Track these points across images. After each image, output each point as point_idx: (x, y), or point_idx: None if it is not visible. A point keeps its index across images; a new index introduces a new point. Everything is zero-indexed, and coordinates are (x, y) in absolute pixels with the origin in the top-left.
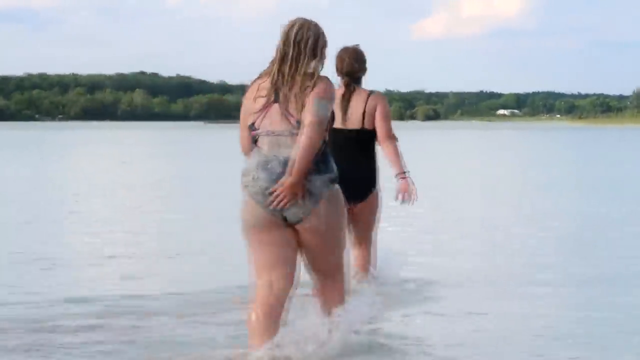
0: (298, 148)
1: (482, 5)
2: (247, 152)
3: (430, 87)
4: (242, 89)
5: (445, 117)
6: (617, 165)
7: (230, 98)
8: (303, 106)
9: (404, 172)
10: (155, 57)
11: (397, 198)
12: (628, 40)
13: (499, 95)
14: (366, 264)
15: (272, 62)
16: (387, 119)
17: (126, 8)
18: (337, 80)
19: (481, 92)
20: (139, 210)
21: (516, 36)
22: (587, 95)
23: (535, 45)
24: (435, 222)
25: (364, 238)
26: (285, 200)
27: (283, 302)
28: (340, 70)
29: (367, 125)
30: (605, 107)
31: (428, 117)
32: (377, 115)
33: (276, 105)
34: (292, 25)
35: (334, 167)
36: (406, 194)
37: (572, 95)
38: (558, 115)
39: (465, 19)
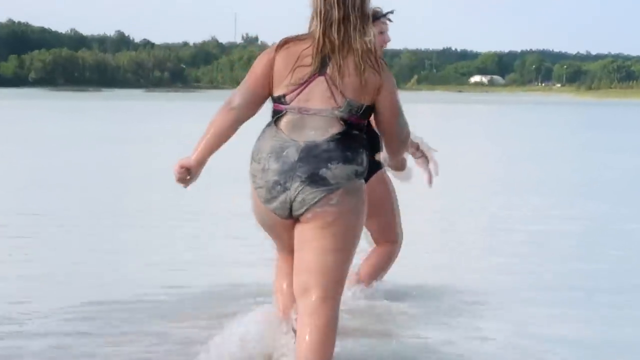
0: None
1: None
2: (248, 100)
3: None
4: (100, 42)
5: (397, 85)
6: None
7: (85, 55)
8: (364, 84)
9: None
10: None
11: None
12: None
13: (474, 55)
14: (375, 274)
15: (312, 24)
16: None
17: None
18: None
19: (448, 50)
20: None
21: None
22: (598, 57)
23: None
24: None
25: (386, 229)
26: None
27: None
28: None
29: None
30: (624, 72)
31: None
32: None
33: (321, 79)
34: None
35: (365, 159)
36: (427, 162)
37: (578, 56)
38: (558, 85)
39: None
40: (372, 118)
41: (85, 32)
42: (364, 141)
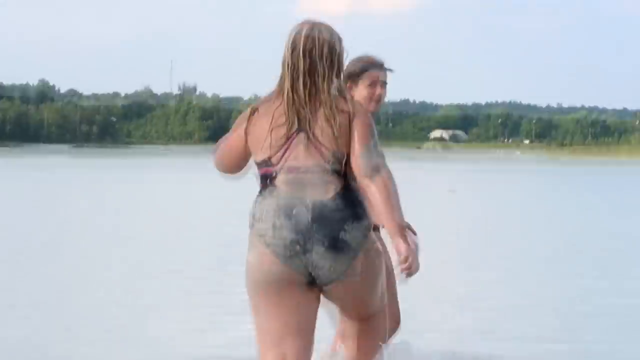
0: (381, 201)
1: None
2: (228, 169)
3: None
4: (22, 92)
5: None
6: None
7: (5, 106)
8: (338, 131)
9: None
10: None
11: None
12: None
13: (434, 109)
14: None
15: (281, 79)
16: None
17: None
18: None
19: (405, 101)
20: None
21: (454, 12)
22: (571, 110)
23: (490, 24)
24: None
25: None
26: (414, 266)
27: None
28: None
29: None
30: (599, 127)
31: None
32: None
33: (302, 135)
34: (299, 31)
35: (368, 211)
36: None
37: (549, 110)
38: (526, 141)
39: None
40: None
41: (5, 81)
42: (358, 192)
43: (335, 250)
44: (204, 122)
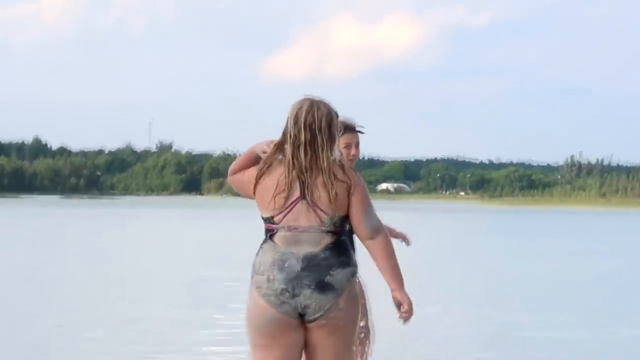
0: (383, 261)
1: (358, 37)
2: (243, 195)
3: None
4: (18, 149)
5: None
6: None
7: (3, 162)
8: (335, 198)
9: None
10: None
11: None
12: (567, 87)
13: (382, 163)
14: None
15: (276, 147)
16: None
17: None
18: None
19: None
20: None
21: (404, 78)
22: (502, 165)
23: (431, 92)
24: None
25: None
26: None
27: None
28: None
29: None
30: (526, 181)
31: None
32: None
33: (303, 202)
34: (301, 107)
35: (355, 258)
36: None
37: (482, 165)
38: (462, 193)
39: (334, 54)
40: None
41: (2, 139)
42: (351, 243)
43: (321, 291)
44: (179, 175)
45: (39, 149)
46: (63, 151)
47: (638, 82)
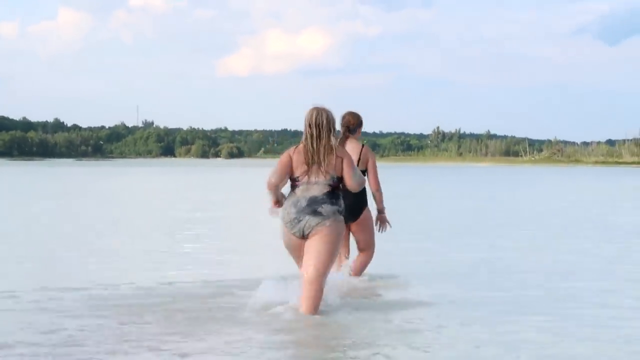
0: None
1: (286, 44)
2: (272, 188)
3: (235, 125)
4: (43, 126)
5: (249, 155)
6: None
7: (32, 135)
8: (334, 165)
9: (383, 210)
10: None
11: (377, 229)
12: (428, 79)
13: (302, 133)
14: (361, 269)
15: (305, 139)
16: (375, 170)
17: None
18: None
19: (285, 130)
20: None
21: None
22: (388, 134)
23: (339, 84)
24: None
25: (368, 244)
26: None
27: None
28: (341, 124)
29: (360, 167)
30: (406, 145)
31: (232, 155)
32: (369, 167)
33: (315, 167)
34: (311, 114)
35: (343, 204)
36: (382, 225)
37: (374, 134)
38: None
39: (270, 56)
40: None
41: (32, 119)
42: (340, 194)
43: (313, 215)
44: (159, 143)
45: (58, 126)
46: (76, 127)
47: (491, 72)
